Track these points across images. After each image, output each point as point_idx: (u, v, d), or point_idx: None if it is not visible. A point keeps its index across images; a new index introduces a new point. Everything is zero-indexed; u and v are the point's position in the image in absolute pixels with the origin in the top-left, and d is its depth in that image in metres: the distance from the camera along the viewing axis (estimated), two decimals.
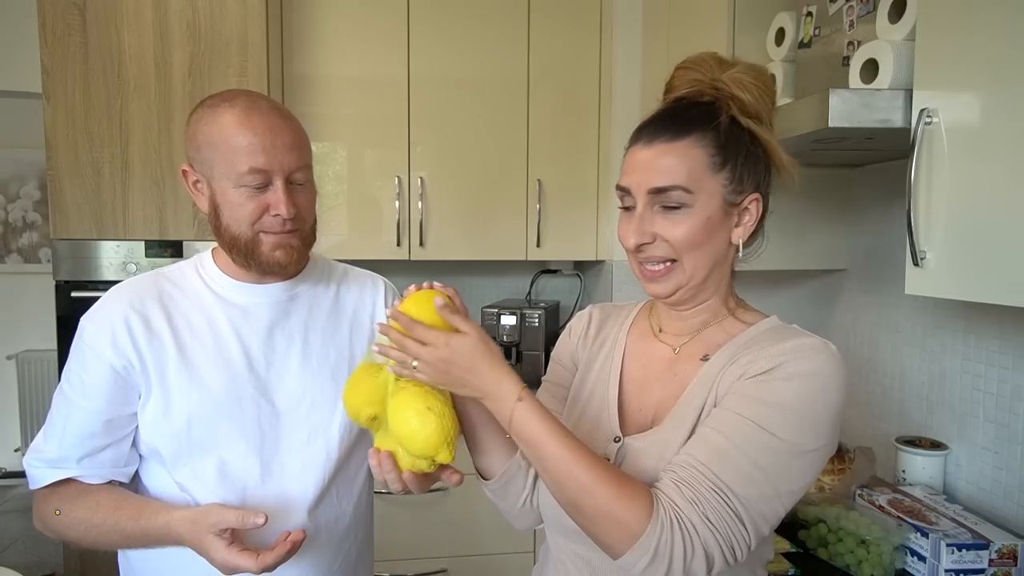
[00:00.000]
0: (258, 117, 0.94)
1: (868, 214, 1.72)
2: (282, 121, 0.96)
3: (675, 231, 0.82)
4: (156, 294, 1.01)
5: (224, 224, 0.97)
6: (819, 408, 0.77)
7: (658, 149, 0.82)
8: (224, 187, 0.95)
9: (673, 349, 0.92)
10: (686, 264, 0.83)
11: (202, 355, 0.99)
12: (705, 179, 0.82)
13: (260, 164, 0.93)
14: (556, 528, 0.93)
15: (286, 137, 0.95)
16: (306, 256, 1.04)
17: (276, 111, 0.97)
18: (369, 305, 1.14)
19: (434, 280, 0.93)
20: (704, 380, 0.84)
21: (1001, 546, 1.16)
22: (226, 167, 0.94)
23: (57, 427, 0.99)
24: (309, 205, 1.02)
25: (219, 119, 0.94)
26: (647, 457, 0.83)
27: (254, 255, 0.98)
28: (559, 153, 2.39)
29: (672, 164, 0.81)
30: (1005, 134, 0.91)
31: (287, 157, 0.95)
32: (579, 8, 2.36)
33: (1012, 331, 1.31)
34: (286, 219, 0.96)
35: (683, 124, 0.82)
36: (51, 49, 1.94)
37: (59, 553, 2.25)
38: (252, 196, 0.95)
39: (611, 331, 1.00)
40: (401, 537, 2.12)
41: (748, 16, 1.59)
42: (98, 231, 2.00)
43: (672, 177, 0.81)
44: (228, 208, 0.96)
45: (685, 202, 0.81)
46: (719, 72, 0.84)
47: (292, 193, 0.97)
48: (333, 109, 2.28)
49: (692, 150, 0.81)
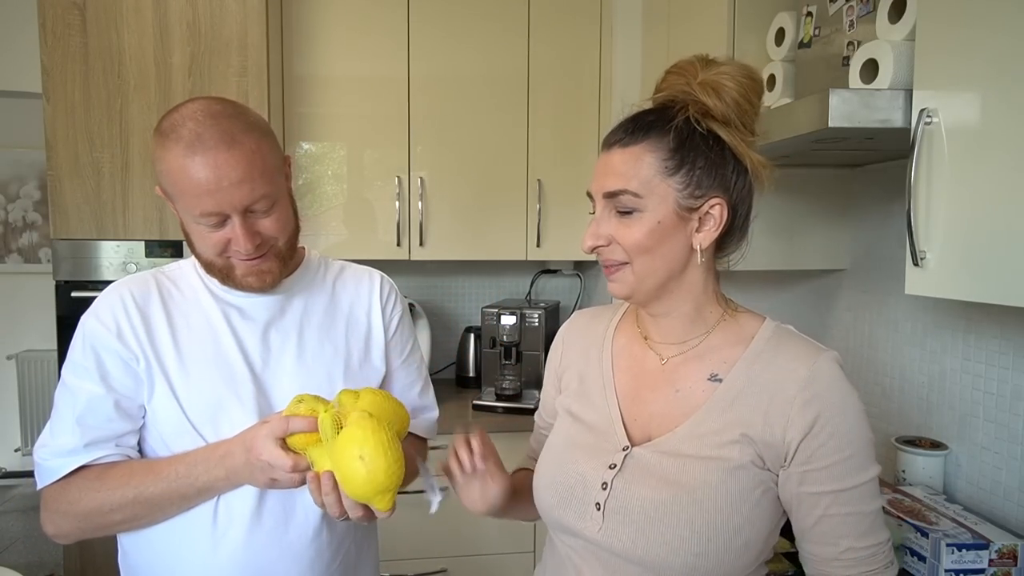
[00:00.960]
0: (201, 155, 0.88)
1: (868, 214, 1.72)
2: (228, 154, 0.88)
3: (626, 234, 0.84)
4: (155, 290, 1.03)
5: (197, 251, 0.99)
6: (867, 427, 0.83)
7: (613, 153, 0.85)
8: (187, 220, 0.95)
9: (661, 359, 0.92)
10: (636, 267, 0.85)
11: (199, 353, 1.00)
12: (655, 184, 0.82)
13: (209, 208, 0.90)
14: (556, 527, 0.93)
15: (233, 174, 0.89)
16: (286, 268, 1.03)
17: (223, 142, 0.88)
18: (365, 300, 1.14)
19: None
20: (720, 404, 0.85)
21: (1001, 546, 1.16)
22: (183, 205, 0.93)
23: (66, 418, 0.97)
24: (277, 226, 0.97)
25: (168, 155, 0.90)
26: (655, 465, 0.84)
27: (230, 279, 0.99)
28: (559, 153, 2.39)
29: (623, 169, 0.83)
30: (1005, 134, 0.91)
31: (236, 195, 0.89)
32: (579, 8, 2.36)
33: (1012, 331, 1.31)
34: (250, 251, 0.94)
35: (638, 129, 0.84)
36: (51, 49, 1.94)
37: (59, 553, 2.25)
38: (213, 231, 0.93)
39: (598, 337, 1.00)
40: (401, 537, 2.12)
41: (748, 16, 1.59)
42: (98, 231, 2.00)
43: (622, 181, 0.83)
44: (195, 239, 0.97)
45: (635, 206, 0.83)
46: (703, 74, 0.84)
47: (253, 223, 0.94)
48: (333, 109, 2.29)
49: (644, 155, 0.83)
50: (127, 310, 0.99)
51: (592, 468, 0.88)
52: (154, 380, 0.98)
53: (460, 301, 2.73)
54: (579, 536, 0.87)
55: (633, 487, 0.84)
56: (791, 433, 0.81)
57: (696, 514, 0.80)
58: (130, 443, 1.00)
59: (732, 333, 0.89)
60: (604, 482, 0.86)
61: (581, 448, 0.91)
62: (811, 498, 0.82)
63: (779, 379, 0.83)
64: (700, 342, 0.90)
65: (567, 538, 0.91)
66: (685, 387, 0.88)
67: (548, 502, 0.91)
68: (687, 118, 0.83)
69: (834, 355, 0.84)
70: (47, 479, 0.97)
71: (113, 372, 0.98)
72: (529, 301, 2.58)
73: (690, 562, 0.80)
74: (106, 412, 0.97)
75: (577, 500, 0.88)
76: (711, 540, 0.80)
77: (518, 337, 2.35)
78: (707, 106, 0.83)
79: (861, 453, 0.81)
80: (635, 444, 0.87)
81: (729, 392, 0.85)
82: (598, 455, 0.89)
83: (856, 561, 0.82)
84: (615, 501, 0.84)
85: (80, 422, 0.97)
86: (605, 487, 0.86)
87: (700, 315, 0.89)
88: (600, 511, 0.85)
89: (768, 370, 0.84)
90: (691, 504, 0.80)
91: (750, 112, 0.84)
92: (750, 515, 0.81)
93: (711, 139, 0.83)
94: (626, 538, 0.83)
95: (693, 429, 0.84)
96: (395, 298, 1.18)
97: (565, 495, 0.89)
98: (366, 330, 1.13)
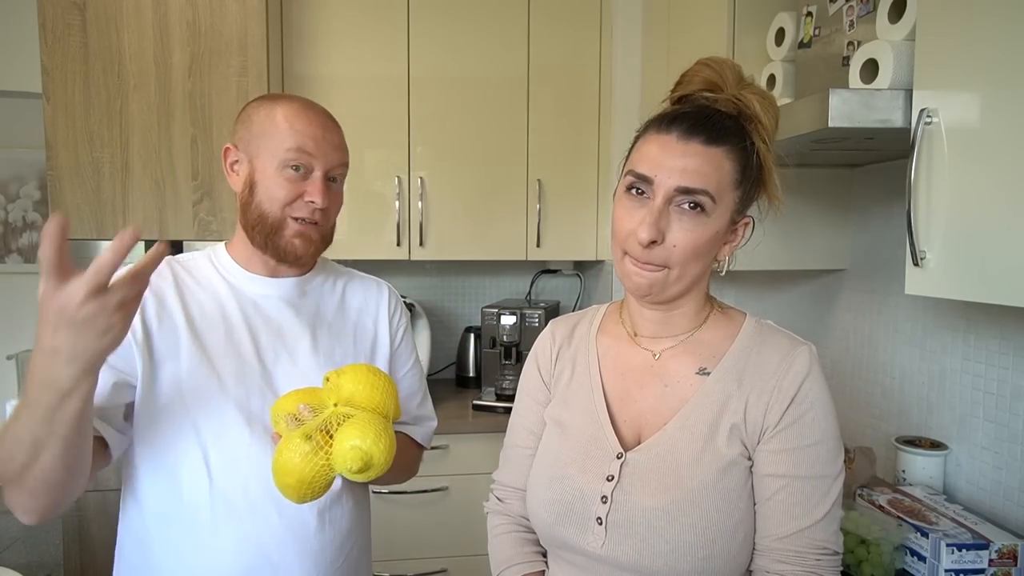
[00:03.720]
0: (315, 114, 1.04)
1: (868, 214, 1.72)
2: (333, 124, 1.07)
3: (687, 237, 0.81)
4: (170, 277, 1.03)
5: (256, 200, 1.01)
6: (835, 424, 0.84)
7: (693, 148, 0.80)
8: (266, 166, 1.00)
9: (653, 355, 0.91)
10: (674, 273, 0.83)
11: (213, 341, 1.00)
12: (726, 193, 0.82)
13: (308, 148, 1.00)
14: (556, 545, 0.91)
15: (335, 138, 1.05)
16: (321, 252, 1.08)
17: (328, 116, 1.07)
18: (373, 309, 1.16)
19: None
20: (710, 397, 0.86)
21: (1001, 546, 1.16)
22: (276, 144, 0.99)
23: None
24: (337, 205, 1.08)
25: (279, 107, 1.02)
26: (652, 470, 0.84)
27: (274, 237, 1.01)
28: (559, 153, 2.39)
29: (705, 169, 0.80)
30: (1005, 134, 0.91)
31: (332, 153, 1.04)
32: (579, 8, 2.36)
33: (1012, 331, 1.31)
34: (317, 208, 1.01)
35: (719, 132, 0.81)
36: (51, 49, 1.94)
37: (59, 553, 2.25)
38: (292, 180, 1.00)
39: (580, 343, 0.99)
40: (401, 537, 2.12)
41: (748, 16, 1.59)
42: (98, 231, 2.00)
43: (704, 181, 0.80)
44: (265, 186, 1.00)
45: (707, 209, 0.81)
46: (737, 87, 0.84)
47: (327, 187, 1.03)
48: (333, 109, 2.24)
49: (724, 161, 0.81)
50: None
51: (588, 481, 0.86)
52: (156, 361, 0.97)
53: (460, 301, 2.73)
54: (581, 552, 0.86)
55: (633, 497, 0.83)
56: (769, 419, 0.83)
57: (698, 517, 0.80)
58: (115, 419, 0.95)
59: (721, 327, 0.90)
60: (604, 495, 0.84)
61: (574, 461, 0.89)
62: (767, 480, 0.82)
63: (762, 370, 0.85)
64: (691, 335, 0.90)
65: (568, 555, 0.89)
66: (674, 382, 0.88)
67: (546, 520, 0.89)
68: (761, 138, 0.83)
69: (811, 347, 0.87)
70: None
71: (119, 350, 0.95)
72: (529, 301, 2.58)
73: (698, 566, 0.79)
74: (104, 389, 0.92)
75: (577, 516, 0.86)
76: (715, 541, 0.80)
77: (518, 337, 2.35)
78: (767, 128, 0.83)
79: (823, 447, 0.82)
80: (627, 447, 0.86)
81: (716, 384, 0.86)
82: (592, 466, 0.87)
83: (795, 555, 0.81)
84: (617, 514, 0.83)
85: None
86: (605, 500, 0.84)
87: (695, 312, 0.91)
88: (602, 525, 0.83)
89: (753, 363, 0.86)
90: (692, 507, 0.80)
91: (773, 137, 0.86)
92: (747, 509, 0.82)
93: (758, 161, 0.84)
94: (631, 550, 0.82)
95: (683, 423, 0.85)
96: (400, 310, 1.21)
97: (563, 512, 0.87)
98: (373, 338, 1.14)
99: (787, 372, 0.84)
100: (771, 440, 0.83)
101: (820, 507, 0.81)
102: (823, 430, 0.83)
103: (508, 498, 1.02)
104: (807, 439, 0.82)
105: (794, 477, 0.81)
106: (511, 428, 1.04)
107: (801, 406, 0.83)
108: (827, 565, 0.81)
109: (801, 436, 0.82)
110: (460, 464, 2.14)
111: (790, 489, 0.82)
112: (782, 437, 0.83)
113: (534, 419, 1.00)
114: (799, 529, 0.81)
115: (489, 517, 1.04)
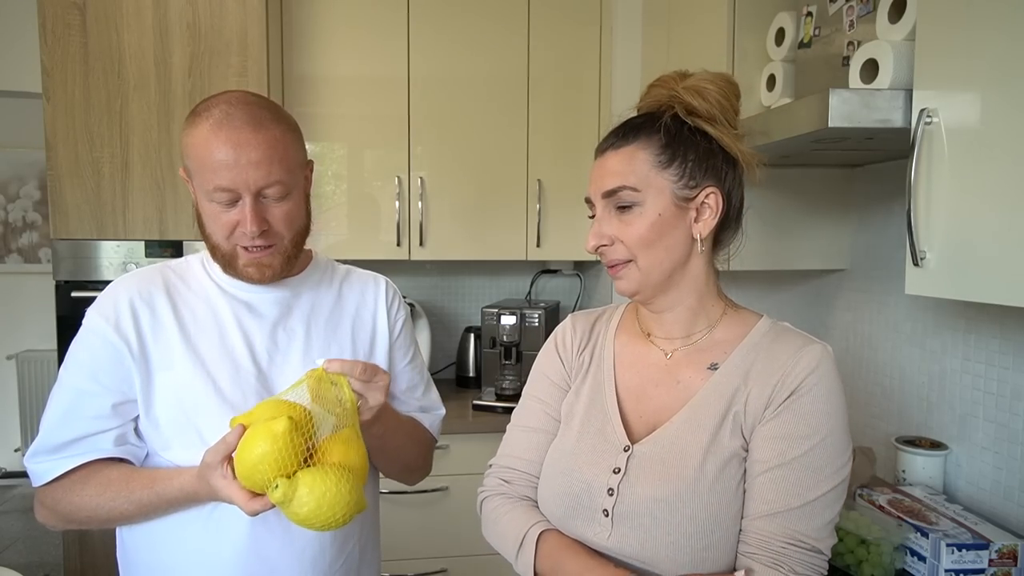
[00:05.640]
0: (227, 132, 0.91)
1: (868, 214, 1.72)
2: (253, 135, 0.92)
3: (628, 231, 0.87)
4: (162, 285, 1.03)
5: (206, 233, 0.99)
6: (844, 420, 0.83)
7: (607, 156, 0.89)
8: (202, 199, 0.97)
9: (665, 354, 0.93)
10: (641, 263, 0.87)
11: (207, 346, 1.00)
12: (651, 177, 0.86)
13: (224, 183, 0.92)
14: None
15: (253, 154, 0.91)
16: (289, 266, 1.03)
17: (249, 124, 0.92)
18: (371, 303, 1.15)
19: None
20: (717, 390, 0.86)
21: (1001, 546, 1.16)
22: (200, 180, 0.94)
23: (56, 415, 0.97)
24: (286, 218, 0.98)
25: (195, 131, 0.93)
26: (657, 461, 0.85)
27: (232, 267, 1.00)
28: (559, 153, 2.39)
29: (619, 167, 0.87)
30: (1005, 134, 0.91)
31: (253, 175, 0.92)
32: (579, 8, 2.36)
33: (1012, 331, 1.31)
34: (255, 235, 0.94)
35: (628, 131, 0.89)
36: (51, 49, 1.94)
37: (59, 553, 2.25)
38: (223, 211, 0.95)
39: (598, 338, 1.00)
40: (401, 537, 2.12)
41: (748, 16, 1.59)
42: (98, 231, 2.00)
43: (619, 179, 0.87)
44: (207, 219, 0.98)
45: (634, 200, 0.86)
46: (684, 83, 0.89)
47: (262, 209, 0.95)
48: (333, 109, 2.28)
49: (637, 152, 0.87)
50: (131, 301, 1.00)
51: (596, 474, 0.88)
52: (152, 371, 0.98)
53: (460, 301, 2.73)
54: (589, 544, 0.87)
55: (636, 488, 0.84)
56: (768, 410, 0.83)
57: (698, 508, 0.81)
58: (125, 440, 0.98)
59: (735, 328, 0.91)
60: (610, 488, 0.86)
61: (583, 453, 0.91)
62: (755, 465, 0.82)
63: (770, 365, 0.85)
64: (703, 336, 0.91)
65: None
66: (686, 378, 0.90)
67: (555, 513, 0.91)
68: (674, 115, 0.88)
69: (827, 346, 0.86)
70: (38, 481, 0.98)
71: (105, 367, 0.97)
72: (529, 301, 2.58)
73: (698, 556, 0.81)
74: (95, 409, 0.97)
75: (584, 508, 0.87)
76: (714, 532, 0.81)
77: (518, 337, 2.34)
78: (693, 105, 0.87)
79: (821, 441, 0.80)
80: (636, 440, 0.88)
81: (724, 378, 0.87)
82: (601, 458, 0.88)
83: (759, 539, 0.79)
84: (622, 506, 0.84)
85: (66, 418, 0.97)
86: (611, 493, 0.86)
87: (703, 308, 0.92)
88: (608, 517, 0.85)
89: (762, 358, 0.86)
90: (692, 497, 0.81)
91: (731, 110, 0.89)
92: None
93: (699, 134, 0.88)
94: (636, 541, 0.83)
95: (690, 416, 0.86)
96: (399, 302, 1.20)
97: (572, 504, 0.89)
98: (371, 332, 1.13)
99: (795, 365, 0.84)
100: (765, 425, 0.83)
101: (800, 497, 0.79)
102: (824, 425, 0.81)
103: (517, 480, 0.97)
104: (802, 430, 0.81)
105: (780, 465, 0.80)
106: (523, 411, 1.01)
107: (802, 397, 0.82)
108: (797, 558, 0.78)
109: (795, 425, 0.81)
110: (460, 464, 2.14)
111: (772, 475, 0.80)
112: (775, 424, 0.82)
113: (553, 403, 0.99)
114: (770, 512, 0.80)
115: (486, 502, 0.99)
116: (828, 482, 0.81)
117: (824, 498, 0.80)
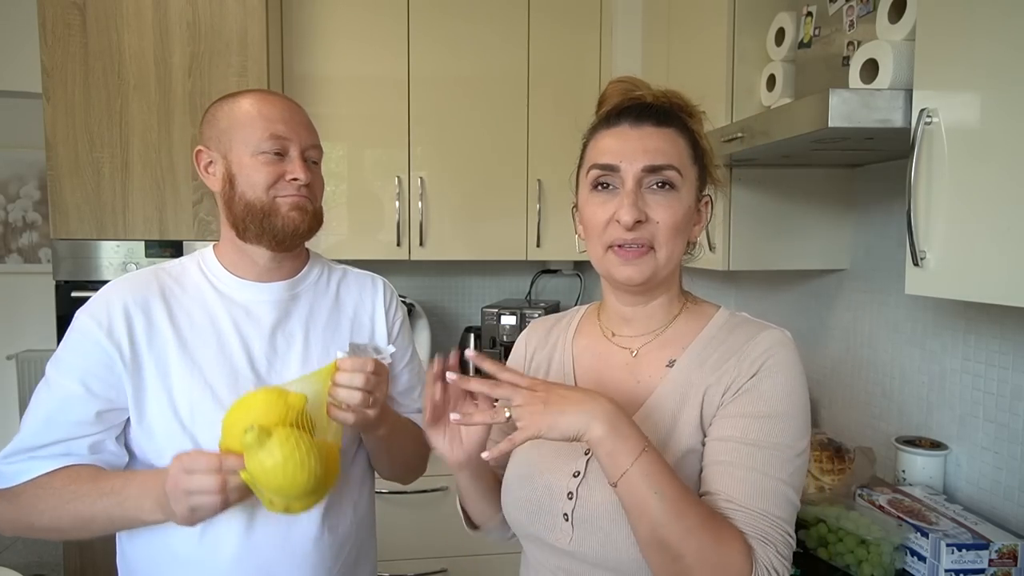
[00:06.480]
0: (278, 99, 1.04)
1: (868, 214, 1.72)
2: (298, 107, 1.06)
3: (666, 213, 0.83)
4: (157, 289, 1.02)
5: (239, 192, 1.00)
6: (804, 403, 0.81)
7: (648, 131, 0.84)
8: (242, 156, 0.99)
9: (631, 352, 0.91)
10: (661, 253, 0.84)
11: (204, 351, 0.99)
12: (687, 167, 0.85)
13: (280, 131, 1.00)
14: (528, 540, 0.92)
15: (301, 118, 1.04)
16: (314, 231, 1.06)
17: (293, 101, 1.07)
18: (369, 305, 1.15)
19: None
20: (674, 385, 0.85)
21: (1001, 546, 1.16)
22: (246, 135, 0.99)
23: (39, 418, 0.95)
24: (319, 186, 1.06)
25: (241, 101, 1.02)
26: None
27: (270, 218, 1.00)
28: (559, 153, 2.39)
29: (664, 146, 0.83)
30: (1005, 134, 0.91)
31: (304, 132, 1.03)
32: (579, 8, 2.36)
33: (1012, 331, 1.31)
34: (301, 184, 1.00)
35: (665, 115, 0.85)
36: (51, 49, 1.94)
37: (59, 553, 2.25)
38: (269, 162, 0.99)
39: (556, 343, 0.99)
40: (401, 537, 2.12)
41: (748, 16, 1.59)
42: (98, 231, 2.00)
43: (667, 157, 0.83)
44: (244, 176, 1.00)
45: (676, 184, 0.83)
46: (655, 90, 0.88)
47: (307, 165, 1.02)
48: (333, 109, 2.29)
49: (678, 138, 0.85)
50: (125, 307, 0.98)
51: (556, 478, 0.86)
52: (145, 379, 0.97)
53: (460, 301, 2.73)
54: (552, 548, 0.86)
55: (595, 492, 0.82)
56: (726, 396, 0.81)
57: None
58: (102, 448, 0.96)
59: (693, 320, 0.90)
60: (570, 491, 0.84)
61: (545, 458, 0.88)
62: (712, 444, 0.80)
63: (729, 355, 0.84)
64: (665, 329, 0.90)
65: (543, 551, 0.89)
66: (645, 377, 0.88)
67: (518, 519, 0.90)
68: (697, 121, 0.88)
69: (784, 331, 0.85)
70: (5, 483, 0.95)
71: (94, 372, 0.96)
72: (529, 301, 2.58)
73: None
74: (78, 414, 0.95)
75: (546, 513, 0.86)
76: None
77: (518, 337, 2.34)
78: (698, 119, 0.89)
79: (779, 420, 0.78)
80: None
81: (680, 373, 0.85)
82: (561, 463, 0.87)
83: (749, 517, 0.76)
84: (582, 510, 0.83)
85: (49, 422, 0.95)
86: (571, 496, 0.84)
87: (671, 302, 0.91)
88: (568, 522, 0.83)
89: (719, 350, 0.85)
90: None
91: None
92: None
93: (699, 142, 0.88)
94: (596, 545, 0.81)
95: (647, 414, 0.84)
96: (396, 304, 1.19)
97: (534, 510, 0.87)
98: (369, 334, 1.13)
99: (752, 350, 0.82)
100: (726, 408, 0.80)
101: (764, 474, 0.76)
102: (783, 404, 0.79)
103: None
104: (762, 409, 0.78)
105: (739, 442, 0.77)
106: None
107: (762, 380, 0.79)
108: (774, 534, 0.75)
109: (755, 405, 0.79)
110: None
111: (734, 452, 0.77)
112: (734, 405, 0.80)
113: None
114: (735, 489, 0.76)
115: None
116: (790, 464, 0.78)
117: (787, 478, 0.78)
